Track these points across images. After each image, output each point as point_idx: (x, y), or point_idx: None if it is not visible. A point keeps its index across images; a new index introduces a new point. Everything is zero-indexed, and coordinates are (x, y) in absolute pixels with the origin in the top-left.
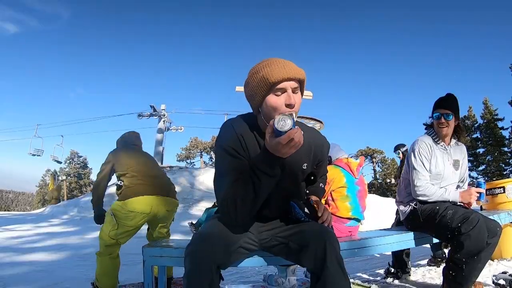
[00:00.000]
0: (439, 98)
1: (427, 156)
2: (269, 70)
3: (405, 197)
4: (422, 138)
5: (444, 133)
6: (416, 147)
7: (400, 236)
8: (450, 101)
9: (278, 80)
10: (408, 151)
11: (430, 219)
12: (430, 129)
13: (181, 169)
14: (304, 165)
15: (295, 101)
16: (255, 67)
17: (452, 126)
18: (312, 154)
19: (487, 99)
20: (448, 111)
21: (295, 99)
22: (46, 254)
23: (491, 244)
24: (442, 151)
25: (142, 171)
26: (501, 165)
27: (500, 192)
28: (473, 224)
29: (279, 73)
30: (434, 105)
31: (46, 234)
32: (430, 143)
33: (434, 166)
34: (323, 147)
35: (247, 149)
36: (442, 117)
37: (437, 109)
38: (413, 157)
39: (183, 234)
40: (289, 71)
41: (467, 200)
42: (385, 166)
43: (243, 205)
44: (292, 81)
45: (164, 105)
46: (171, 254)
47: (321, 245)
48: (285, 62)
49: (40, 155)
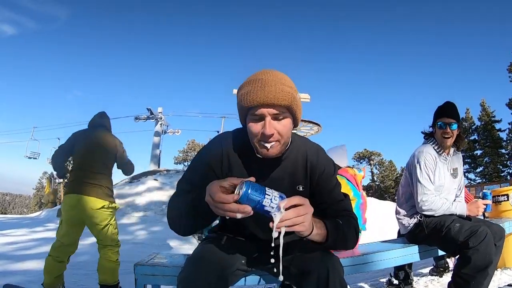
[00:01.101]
0: (441, 106)
1: (432, 169)
2: (246, 92)
3: (409, 209)
4: (427, 149)
5: (449, 143)
6: (422, 160)
7: (404, 250)
8: (453, 110)
9: (252, 105)
10: (409, 162)
11: (436, 232)
12: (431, 139)
13: (178, 172)
14: (299, 186)
15: (272, 131)
16: (244, 82)
17: (455, 135)
18: (308, 173)
19: (485, 101)
20: (452, 120)
21: (273, 128)
22: (40, 262)
23: (499, 247)
24: (443, 162)
25: (76, 162)
26: (499, 166)
27: (504, 200)
28: (481, 238)
29: (254, 97)
30: (436, 113)
31: (40, 240)
32: (435, 155)
33: (438, 178)
34: (320, 162)
35: (230, 167)
36: (447, 127)
37: (440, 118)
38: (418, 170)
39: (179, 240)
40: (266, 96)
41: (475, 213)
42: (382, 169)
43: (181, 218)
44: (270, 108)
45: (161, 108)
46: (164, 272)
47: (323, 272)
48: (266, 83)
49: (37, 157)
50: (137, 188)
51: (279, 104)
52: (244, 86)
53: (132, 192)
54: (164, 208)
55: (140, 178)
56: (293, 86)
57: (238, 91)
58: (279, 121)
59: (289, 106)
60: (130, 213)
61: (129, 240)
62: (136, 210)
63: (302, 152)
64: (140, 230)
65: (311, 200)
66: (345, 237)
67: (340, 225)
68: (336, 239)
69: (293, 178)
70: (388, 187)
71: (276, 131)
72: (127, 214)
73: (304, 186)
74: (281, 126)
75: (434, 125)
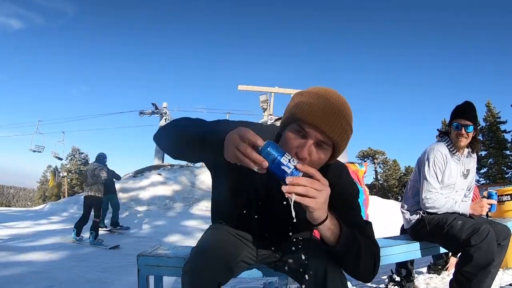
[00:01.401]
0: (459, 106)
1: (441, 167)
2: (307, 103)
3: (413, 205)
4: (438, 147)
5: (463, 144)
6: (431, 157)
7: (406, 247)
8: (471, 112)
9: (305, 120)
10: (420, 158)
11: (438, 229)
12: (445, 137)
13: (182, 167)
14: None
15: (306, 156)
16: (307, 90)
17: (470, 137)
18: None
19: (490, 101)
20: (469, 123)
21: (310, 153)
22: (43, 254)
23: (504, 246)
24: (456, 161)
25: None
26: (503, 168)
27: (507, 200)
28: (483, 236)
29: (312, 114)
30: (454, 113)
31: (44, 232)
32: (446, 153)
33: (448, 177)
34: (341, 182)
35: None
36: (462, 129)
37: (457, 119)
38: (426, 167)
39: (182, 235)
40: (324, 121)
41: (479, 213)
42: (386, 167)
43: (183, 133)
44: (319, 133)
45: (166, 103)
46: (168, 263)
47: (322, 267)
48: (330, 108)
49: (41, 151)
50: (141, 183)
51: (330, 137)
52: (305, 94)
53: (136, 186)
54: (167, 203)
55: (144, 173)
56: (351, 124)
57: (297, 96)
58: (319, 150)
59: (337, 143)
60: (134, 207)
61: (132, 234)
62: (139, 204)
63: (324, 167)
64: (144, 224)
65: None
66: (360, 254)
67: (358, 238)
68: (349, 247)
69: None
70: (392, 186)
71: (310, 158)
72: (131, 208)
73: None
74: (317, 156)
75: (450, 124)
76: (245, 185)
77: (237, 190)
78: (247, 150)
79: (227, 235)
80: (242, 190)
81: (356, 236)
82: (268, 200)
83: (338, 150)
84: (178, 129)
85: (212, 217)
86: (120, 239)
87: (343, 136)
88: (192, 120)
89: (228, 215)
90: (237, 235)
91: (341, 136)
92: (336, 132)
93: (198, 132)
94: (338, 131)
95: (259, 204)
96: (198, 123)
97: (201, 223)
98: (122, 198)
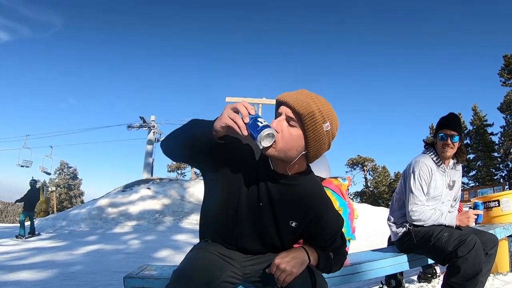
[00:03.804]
0: (444, 117)
1: (427, 180)
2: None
3: (399, 218)
4: (424, 159)
5: (449, 154)
6: (417, 169)
7: (394, 259)
8: (456, 122)
9: (279, 100)
10: (405, 170)
11: (425, 242)
12: (431, 149)
13: (171, 181)
14: (291, 222)
15: (278, 128)
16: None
17: (456, 148)
18: (309, 220)
19: (476, 105)
20: (454, 133)
21: (282, 129)
22: (32, 273)
23: (492, 255)
24: (441, 173)
25: None
26: (492, 170)
27: (495, 206)
28: (470, 247)
29: (282, 95)
30: (439, 124)
31: (33, 249)
32: (431, 166)
33: (433, 189)
34: (326, 216)
35: (243, 158)
36: (448, 139)
37: (442, 129)
38: (412, 179)
39: (172, 250)
40: (290, 97)
41: (465, 224)
42: (376, 174)
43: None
44: (286, 107)
45: (154, 116)
46: (154, 285)
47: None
48: (299, 91)
49: (29, 166)
50: (130, 197)
51: (295, 109)
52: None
53: (125, 200)
54: (157, 217)
55: (133, 187)
56: (322, 111)
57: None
58: (289, 127)
59: (303, 117)
60: (123, 222)
61: (122, 250)
62: (129, 219)
63: (313, 197)
64: (133, 240)
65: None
66: (331, 267)
67: (331, 261)
68: (325, 266)
69: (292, 210)
70: (382, 193)
71: (281, 132)
72: (120, 223)
73: (298, 225)
74: (288, 132)
75: (435, 135)
76: (234, 196)
77: (227, 199)
78: (236, 117)
79: (209, 256)
80: (232, 200)
81: (330, 260)
82: (255, 213)
83: (308, 132)
84: (183, 126)
85: (200, 230)
86: (110, 256)
87: (306, 110)
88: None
89: (215, 226)
90: (220, 254)
91: (306, 111)
92: (301, 107)
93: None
94: (303, 106)
95: (248, 215)
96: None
97: (191, 237)
98: (111, 213)
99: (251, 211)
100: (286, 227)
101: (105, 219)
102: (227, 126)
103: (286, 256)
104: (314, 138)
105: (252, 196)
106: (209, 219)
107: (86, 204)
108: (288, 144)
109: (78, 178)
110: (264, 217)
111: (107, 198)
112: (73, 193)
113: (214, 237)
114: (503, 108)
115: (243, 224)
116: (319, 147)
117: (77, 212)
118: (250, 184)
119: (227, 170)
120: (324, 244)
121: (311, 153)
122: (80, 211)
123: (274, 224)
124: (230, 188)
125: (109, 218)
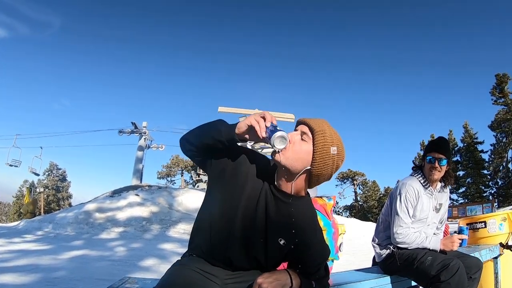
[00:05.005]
0: (433, 141)
1: (413, 203)
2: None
3: (384, 239)
4: (411, 182)
5: (436, 177)
6: (403, 192)
7: (377, 281)
8: (444, 146)
9: (298, 120)
10: (392, 192)
11: (409, 264)
12: (419, 171)
13: (160, 188)
14: (280, 240)
15: (291, 139)
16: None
17: (443, 171)
18: (293, 232)
19: (467, 123)
20: (442, 156)
21: (292, 137)
22: (15, 276)
23: (475, 279)
24: (428, 196)
25: None
26: (481, 187)
27: (481, 227)
28: (453, 272)
29: (304, 118)
30: (427, 147)
31: (17, 252)
32: (418, 188)
33: (420, 212)
34: (314, 243)
35: (248, 173)
36: (436, 162)
37: (430, 152)
38: (398, 201)
39: (158, 259)
40: (306, 118)
41: (449, 248)
42: (366, 189)
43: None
44: (303, 125)
45: (146, 123)
46: None
47: None
48: (317, 118)
49: (18, 166)
50: (118, 203)
51: (310, 125)
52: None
53: (113, 206)
54: (144, 224)
55: (121, 193)
56: (333, 135)
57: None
58: (301, 141)
59: (315, 132)
60: (110, 228)
61: (107, 257)
62: (116, 225)
63: (306, 221)
64: (119, 247)
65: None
66: None
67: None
68: None
69: (283, 228)
70: (371, 207)
71: (292, 142)
72: (107, 229)
73: (285, 244)
74: (298, 144)
75: (423, 158)
76: (232, 208)
77: (225, 211)
78: (260, 120)
79: (190, 273)
80: (229, 212)
81: (312, 285)
82: (248, 223)
83: (316, 150)
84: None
85: (191, 235)
86: (94, 262)
87: (320, 130)
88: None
89: (209, 233)
90: (202, 271)
91: (319, 128)
92: (316, 125)
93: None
94: (318, 125)
95: (241, 225)
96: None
97: (178, 246)
98: (99, 219)
99: (245, 221)
100: (274, 243)
101: (91, 224)
102: (250, 126)
103: (269, 277)
104: (320, 155)
105: (250, 208)
106: (202, 226)
107: (73, 208)
108: (296, 154)
109: (67, 180)
110: (255, 229)
111: (95, 202)
112: (61, 195)
113: (204, 245)
114: (493, 126)
115: (235, 234)
116: (322, 166)
117: (64, 216)
118: (250, 199)
119: (231, 183)
120: (308, 271)
121: (314, 171)
122: (67, 215)
123: (264, 237)
124: (231, 200)
125: (96, 224)
